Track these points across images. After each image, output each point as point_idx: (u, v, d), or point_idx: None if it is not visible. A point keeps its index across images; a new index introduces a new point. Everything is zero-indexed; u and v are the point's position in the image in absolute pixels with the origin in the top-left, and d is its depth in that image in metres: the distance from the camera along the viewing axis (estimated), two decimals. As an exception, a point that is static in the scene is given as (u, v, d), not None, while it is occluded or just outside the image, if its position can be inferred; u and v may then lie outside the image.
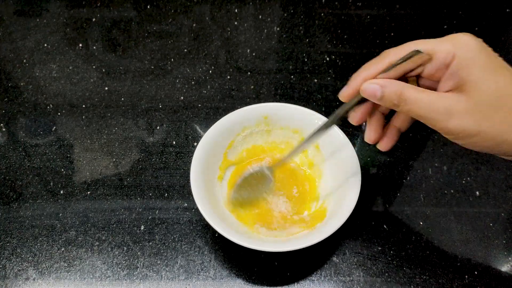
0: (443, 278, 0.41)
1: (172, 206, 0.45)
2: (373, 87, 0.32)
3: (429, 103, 0.31)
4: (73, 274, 0.41)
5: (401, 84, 0.32)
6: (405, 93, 0.31)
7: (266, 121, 0.45)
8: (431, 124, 0.31)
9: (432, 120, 0.31)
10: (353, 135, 0.51)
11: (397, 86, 0.31)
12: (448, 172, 0.48)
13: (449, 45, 0.31)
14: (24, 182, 0.47)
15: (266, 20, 0.63)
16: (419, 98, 0.31)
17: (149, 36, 0.61)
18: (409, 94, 0.31)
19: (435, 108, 0.31)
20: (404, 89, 0.31)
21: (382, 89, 0.32)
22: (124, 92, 0.55)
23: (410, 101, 0.31)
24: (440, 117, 0.31)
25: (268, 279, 0.41)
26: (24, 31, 0.61)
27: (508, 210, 0.45)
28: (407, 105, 0.31)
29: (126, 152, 0.50)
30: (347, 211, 0.38)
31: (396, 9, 0.64)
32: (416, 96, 0.31)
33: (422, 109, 0.31)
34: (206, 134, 0.43)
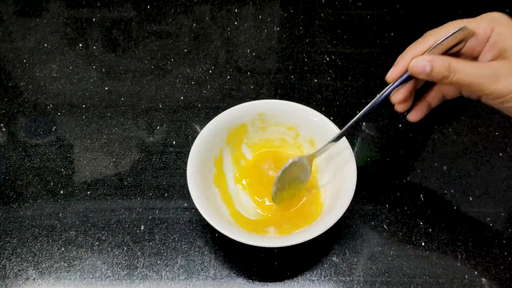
0: (443, 278, 0.41)
1: (172, 206, 0.45)
2: (422, 63, 0.35)
3: (476, 71, 0.34)
4: (73, 274, 0.41)
5: (447, 57, 0.34)
6: (452, 64, 0.34)
7: (261, 118, 0.45)
8: (480, 89, 0.34)
9: (481, 85, 0.34)
10: (353, 135, 0.51)
11: (445, 60, 0.34)
12: (448, 172, 0.48)
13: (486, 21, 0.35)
14: (24, 182, 0.47)
15: (266, 20, 0.63)
16: (466, 68, 0.34)
17: (149, 36, 0.61)
18: (457, 65, 0.34)
19: (483, 74, 0.33)
20: (452, 61, 0.34)
21: (431, 63, 0.34)
22: (124, 92, 0.55)
23: (458, 71, 0.34)
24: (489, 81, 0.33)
25: (268, 279, 0.41)
26: (24, 31, 0.61)
27: (508, 210, 0.45)
28: (456, 75, 0.34)
29: (126, 152, 0.50)
30: (344, 205, 0.38)
31: (396, 9, 0.64)
32: (463, 65, 0.34)
33: (470, 76, 0.34)
34: (201, 132, 0.43)
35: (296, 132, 0.46)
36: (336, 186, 0.41)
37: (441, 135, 0.51)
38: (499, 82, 0.33)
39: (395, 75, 0.38)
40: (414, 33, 0.64)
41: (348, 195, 0.38)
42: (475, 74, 0.34)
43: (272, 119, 0.46)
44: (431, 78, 0.35)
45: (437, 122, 0.52)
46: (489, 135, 0.51)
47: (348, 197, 0.38)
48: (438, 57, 0.35)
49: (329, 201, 0.41)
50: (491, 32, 0.35)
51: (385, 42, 0.60)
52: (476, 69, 0.34)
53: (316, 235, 0.36)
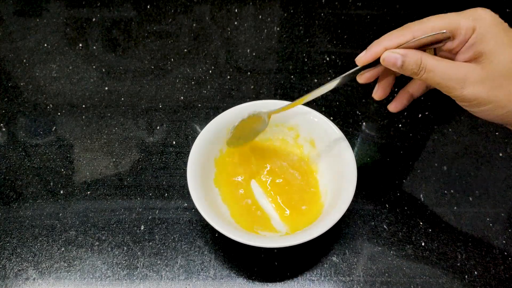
0: (443, 278, 0.41)
1: (172, 206, 0.45)
2: (394, 56, 0.34)
3: (446, 71, 0.33)
4: (73, 274, 0.41)
5: (420, 53, 0.34)
6: (424, 61, 0.33)
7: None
8: (446, 91, 0.34)
9: (448, 87, 0.33)
10: (353, 135, 0.51)
11: (417, 56, 0.34)
12: (448, 172, 0.48)
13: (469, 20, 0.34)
14: (24, 182, 0.47)
15: (266, 20, 0.63)
16: (437, 66, 0.33)
17: (149, 36, 0.61)
18: (428, 63, 0.33)
19: (452, 76, 0.33)
20: (423, 58, 0.33)
21: (403, 58, 0.34)
22: (124, 92, 0.55)
23: (429, 69, 0.33)
24: (456, 85, 0.33)
25: (268, 279, 0.41)
26: (24, 31, 0.61)
27: (508, 210, 0.45)
28: (426, 73, 0.33)
29: (126, 152, 0.50)
30: (344, 206, 0.38)
31: (396, 9, 0.64)
32: (435, 64, 0.33)
33: (439, 76, 0.33)
34: (201, 132, 0.43)
35: (296, 133, 0.46)
36: (337, 187, 0.41)
37: (441, 135, 0.51)
38: (466, 87, 0.33)
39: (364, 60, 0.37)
40: (414, 33, 0.64)
41: (348, 197, 0.38)
42: (444, 76, 0.33)
43: (273, 119, 0.46)
44: (402, 72, 0.35)
45: (437, 122, 0.52)
46: (489, 135, 0.51)
47: (348, 199, 0.38)
48: (411, 52, 0.34)
49: (329, 202, 0.41)
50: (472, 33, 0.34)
51: (385, 42, 0.60)
52: (446, 69, 0.33)
53: (316, 236, 0.36)
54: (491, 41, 0.33)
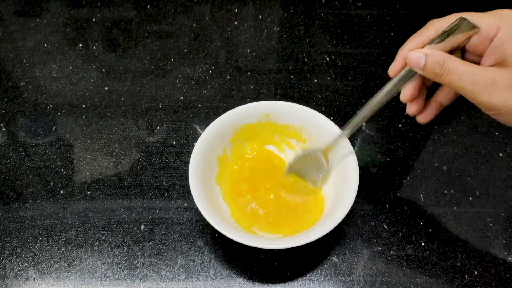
0: (443, 278, 0.41)
1: (172, 206, 0.45)
2: (417, 55, 0.32)
3: (471, 75, 0.30)
4: (73, 274, 0.41)
5: (444, 54, 0.32)
6: (448, 63, 0.31)
7: (267, 119, 0.45)
8: (472, 97, 0.31)
9: (473, 92, 0.31)
10: (353, 135, 0.51)
11: (441, 56, 0.31)
12: (448, 172, 0.48)
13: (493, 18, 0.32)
14: (24, 182, 0.47)
15: (266, 20, 0.63)
16: (461, 69, 0.31)
17: (149, 36, 0.61)
18: (452, 64, 0.31)
19: (478, 80, 0.30)
20: (447, 59, 0.31)
21: (426, 57, 0.32)
22: (124, 92, 0.55)
23: (452, 71, 0.31)
24: (482, 90, 0.30)
25: (268, 279, 0.41)
26: (24, 31, 0.61)
27: (508, 210, 0.45)
28: (449, 75, 0.31)
29: (126, 152, 0.50)
30: (345, 208, 0.38)
31: (396, 9, 0.64)
32: (459, 67, 0.31)
33: (463, 80, 0.31)
34: (205, 131, 0.43)
35: (300, 135, 0.46)
36: (338, 190, 0.41)
37: (441, 135, 0.51)
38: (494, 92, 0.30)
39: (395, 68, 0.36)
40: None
41: (349, 201, 0.38)
42: (468, 79, 0.31)
43: (278, 120, 0.46)
44: (426, 74, 0.33)
45: (437, 122, 0.52)
46: (489, 135, 0.51)
47: (348, 203, 0.38)
48: (435, 52, 0.32)
49: (330, 205, 0.41)
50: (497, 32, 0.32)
51: (385, 42, 0.60)
52: (471, 73, 0.31)
53: (316, 238, 0.36)
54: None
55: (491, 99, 0.30)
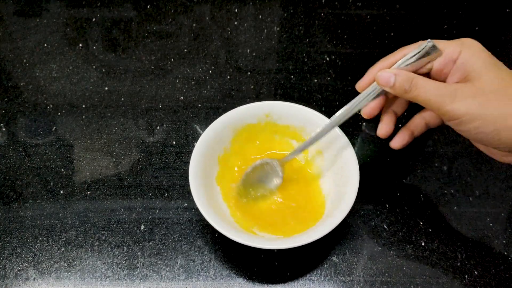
0: (443, 278, 0.41)
1: (172, 206, 0.45)
2: (387, 75, 0.36)
3: (436, 88, 0.34)
4: (73, 274, 0.41)
5: (411, 73, 0.36)
6: (415, 80, 0.35)
7: (267, 119, 0.46)
8: (436, 108, 0.34)
9: (438, 103, 0.34)
10: (353, 135, 0.51)
11: (408, 74, 0.35)
12: (448, 172, 0.48)
13: (455, 44, 0.36)
14: (24, 182, 0.47)
15: (266, 20, 0.63)
16: (427, 85, 0.35)
17: (149, 36, 0.61)
18: (419, 81, 0.35)
19: (442, 92, 0.34)
20: (415, 77, 0.35)
21: (396, 76, 0.35)
22: (124, 92, 0.55)
23: (419, 86, 0.35)
24: (446, 100, 0.34)
25: (268, 279, 0.41)
26: (24, 31, 0.61)
27: (508, 210, 0.45)
28: (416, 90, 0.35)
29: (126, 152, 0.50)
30: (345, 209, 0.38)
31: (396, 9, 0.64)
32: (425, 82, 0.35)
33: (429, 93, 0.34)
34: (206, 131, 0.43)
35: (301, 136, 0.46)
36: (339, 192, 0.41)
37: (441, 135, 0.51)
38: (456, 102, 0.33)
39: (363, 84, 0.39)
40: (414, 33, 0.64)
41: (349, 201, 0.38)
42: (434, 92, 0.34)
43: (278, 121, 0.46)
44: (395, 91, 0.36)
45: (437, 122, 0.52)
46: (489, 135, 0.51)
47: (349, 203, 0.38)
48: (403, 71, 0.36)
49: (331, 204, 0.41)
50: (459, 55, 0.35)
51: (385, 42, 0.60)
52: (436, 87, 0.34)
53: (316, 238, 0.36)
54: (478, 62, 0.34)
55: (453, 108, 0.33)
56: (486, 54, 0.35)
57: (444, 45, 0.36)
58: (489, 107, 0.33)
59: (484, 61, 0.34)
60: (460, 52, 0.35)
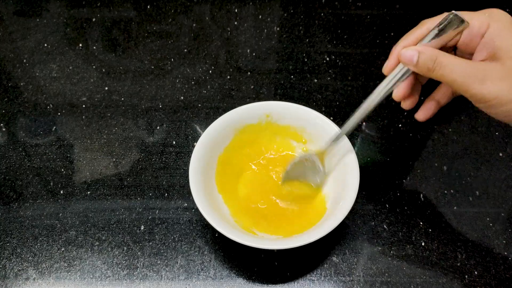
0: (443, 278, 0.41)
1: (172, 206, 0.45)
2: (410, 53, 0.33)
3: (463, 68, 0.31)
4: (73, 274, 0.41)
5: (436, 50, 0.33)
6: (440, 58, 0.32)
7: (268, 119, 0.45)
8: (463, 90, 0.32)
9: (465, 85, 0.31)
10: (353, 135, 0.51)
11: (433, 52, 0.33)
12: (448, 172, 0.48)
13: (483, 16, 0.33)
14: (24, 182, 0.47)
15: (266, 20, 0.63)
16: (453, 63, 0.32)
17: (149, 36, 0.61)
18: (443, 59, 0.32)
19: (469, 73, 0.31)
20: (439, 54, 0.32)
21: (418, 54, 0.33)
22: (124, 92, 0.55)
23: (444, 66, 0.32)
24: (474, 82, 0.31)
25: (268, 279, 0.41)
26: (24, 31, 0.61)
27: (508, 210, 0.45)
28: (441, 70, 0.32)
29: (126, 152, 0.50)
30: (345, 209, 0.38)
31: (396, 9, 0.64)
32: (450, 61, 0.32)
33: (455, 73, 0.32)
34: (206, 131, 0.43)
35: (301, 136, 0.46)
36: (339, 190, 0.41)
37: (441, 135, 0.51)
38: (485, 84, 0.31)
39: (389, 66, 0.37)
40: (414, 33, 0.64)
41: (349, 201, 0.38)
42: (460, 72, 0.32)
43: (279, 121, 0.46)
44: (418, 70, 0.34)
45: (437, 122, 0.52)
46: (489, 135, 0.51)
47: (349, 203, 0.38)
48: (427, 48, 0.33)
49: (331, 204, 0.41)
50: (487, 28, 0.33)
51: (385, 42, 0.60)
52: (463, 66, 0.32)
53: (316, 239, 0.36)
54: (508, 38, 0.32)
55: (482, 91, 0.31)
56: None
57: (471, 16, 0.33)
58: None
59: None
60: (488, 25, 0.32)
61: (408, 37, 0.36)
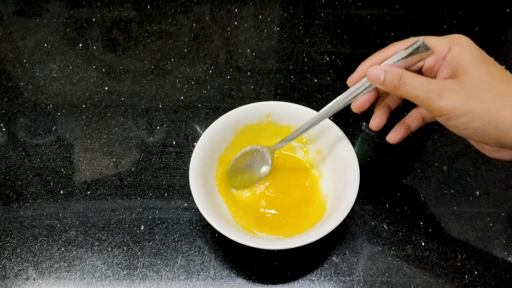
0: (443, 278, 0.41)
1: (172, 206, 0.45)
2: (377, 72, 0.36)
3: (424, 84, 0.34)
4: (73, 274, 0.41)
5: (401, 69, 0.36)
6: (404, 76, 0.35)
7: (268, 119, 0.46)
8: (425, 105, 0.35)
9: (426, 100, 0.34)
10: (353, 135, 0.51)
11: (398, 71, 0.35)
12: (448, 172, 0.48)
13: (445, 41, 0.36)
14: (24, 182, 0.47)
15: (266, 20, 0.63)
16: (415, 81, 0.35)
17: (149, 36, 0.61)
18: (407, 78, 0.35)
19: (430, 88, 0.34)
20: (404, 73, 0.35)
21: (385, 73, 0.36)
22: (124, 92, 0.55)
23: (408, 83, 0.35)
24: (434, 96, 0.34)
25: (268, 279, 0.41)
26: (24, 31, 0.61)
27: (508, 210, 0.45)
28: (405, 87, 0.35)
29: (126, 152, 0.50)
30: (345, 209, 0.38)
31: (396, 9, 0.64)
32: (413, 79, 0.35)
33: (418, 89, 0.34)
34: (206, 131, 0.43)
35: (301, 136, 0.46)
36: (339, 193, 0.41)
37: (441, 135, 0.51)
38: (443, 98, 0.33)
39: (354, 79, 0.39)
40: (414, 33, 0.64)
41: (349, 202, 0.38)
42: (422, 88, 0.34)
43: (279, 121, 0.46)
44: (384, 88, 0.36)
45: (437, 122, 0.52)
46: (489, 135, 0.51)
47: (349, 204, 0.38)
48: (393, 68, 0.36)
49: (331, 204, 0.41)
50: (448, 51, 0.35)
51: (385, 42, 0.60)
52: (424, 83, 0.34)
53: (316, 239, 0.36)
54: (467, 58, 0.34)
55: (440, 104, 0.33)
56: (475, 50, 0.35)
57: (434, 41, 0.36)
58: (476, 103, 0.33)
59: (473, 57, 0.34)
60: (450, 48, 0.35)
61: (375, 56, 0.38)
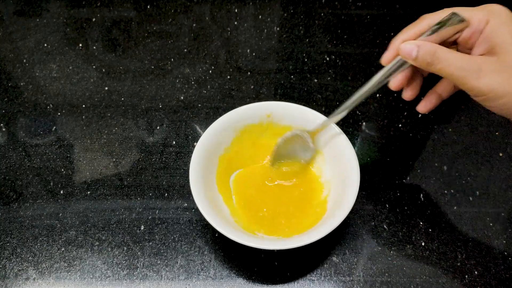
0: (443, 278, 0.41)
1: (172, 206, 0.45)
2: (409, 47, 0.34)
3: (460, 62, 0.32)
4: (73, 274, 0.41)
5: (435, 45, 0.33)
6: (438, 52, 0.33)
7: (269, 119, 0.45)
8: (461, 83, 0.33)
9: (462, 78, 0.32)
10: (353, 135, 0.51)
11: (432, 46, 0.33)
12: (448, 172, 0.48)
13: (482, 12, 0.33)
14: (24, 182, 0.47)
15: (266, 20, 0.63)
16: (450, 58, 0.33)
17: (149, 36, 0.61)
18: (442, 54, 0.33)
19: (466, 66, 0.32)
20: (438, 49, 0.33)
21: (418, 48, 0.33)
22: (124, 92, 0.55)
23: (442, 60, 0.33)
24: (471, 75, 0.32)
25: (268, 279, 0.41)
26: (24, 31, 0.61)
27: (508, 210, 0.45)
28: (440, 64, 0.33)
29: (126, 152, 0.50)
30: (345, 209, 0.38)
31: (396, 9, 0.64)
32: (448, 55, 0.33)
33: (453, 67, 0.32)
34: (206, 131, 0.43)
35: None
36: (339, 193, 0.41)
37: (441, 135, 0.51)
38: (481, 78, 0.32)
39: (388, 58, 0.38)
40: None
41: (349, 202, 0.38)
42: (458, 66, 0.32)
43: (280, 121, 0.46)
44: (417, 64, 0.34)
45: (437, 122, 0.52)
46: (489, 135, 0.51)
47: (349, 204, 0.38)
48: (426, 43, 0.34)
49: (331, 204, 0.41)
50: (486, 24, 0.33)
51: (385, 42, 0.60)
52: (460, 60, 0.32)
53: (315, 239, 0.36)
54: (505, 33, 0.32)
55: (478, 84, 0.32)
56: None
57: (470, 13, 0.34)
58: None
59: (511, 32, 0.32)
60: (487, 21, 0.33)
61: (407, 31, 0.36)
